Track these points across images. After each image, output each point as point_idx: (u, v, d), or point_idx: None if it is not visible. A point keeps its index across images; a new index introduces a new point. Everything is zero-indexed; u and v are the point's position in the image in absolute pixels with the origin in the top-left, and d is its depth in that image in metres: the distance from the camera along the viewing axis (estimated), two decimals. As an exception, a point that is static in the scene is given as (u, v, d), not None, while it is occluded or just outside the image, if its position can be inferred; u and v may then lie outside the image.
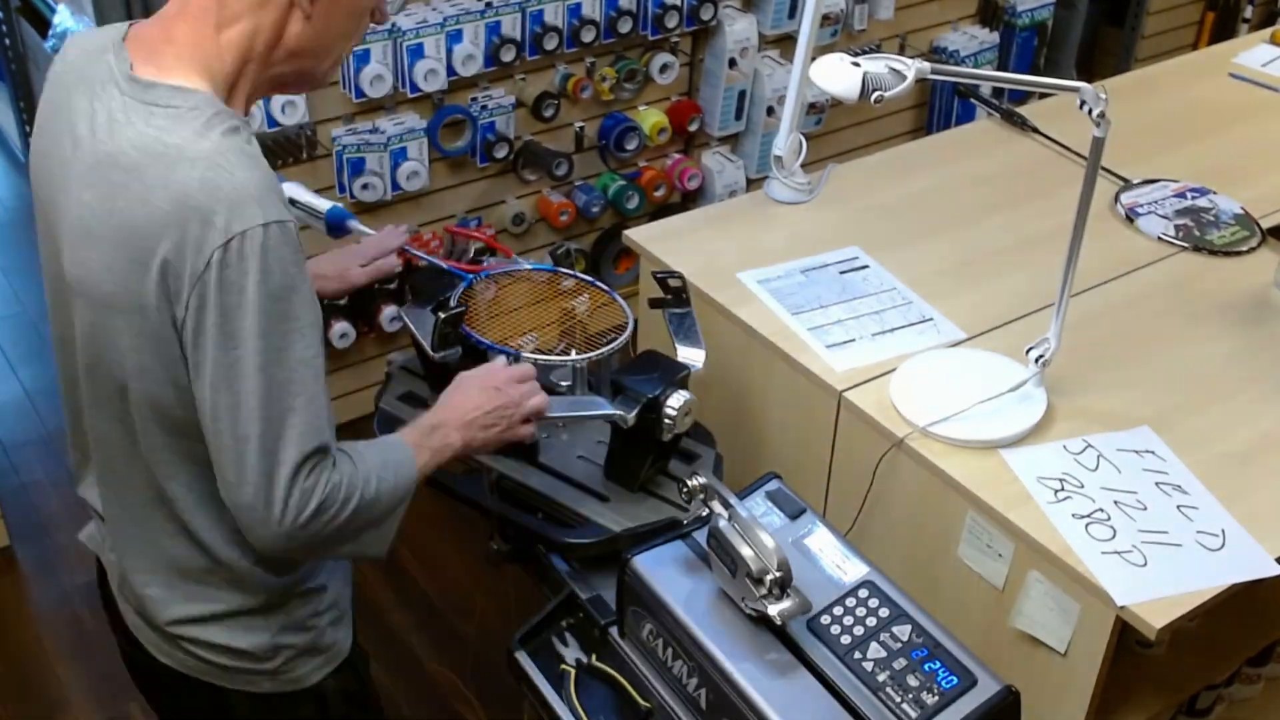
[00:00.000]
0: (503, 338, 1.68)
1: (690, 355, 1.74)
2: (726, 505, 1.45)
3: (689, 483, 1.49)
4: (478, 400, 1.49)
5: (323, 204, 1.81)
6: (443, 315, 1.64)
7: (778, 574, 1.38)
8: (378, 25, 1.42)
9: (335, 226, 1.80)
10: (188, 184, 1.18)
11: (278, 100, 2.62)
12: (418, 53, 2.71)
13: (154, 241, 1.19)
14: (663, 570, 1.52)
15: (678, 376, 1.63)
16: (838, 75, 1.64)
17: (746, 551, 1.40)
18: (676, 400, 1.61)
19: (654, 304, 1.79)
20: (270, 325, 1.21)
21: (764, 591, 1.39)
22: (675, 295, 1.77)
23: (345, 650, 1.52)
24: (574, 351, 1.70)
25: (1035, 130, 2.46)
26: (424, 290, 1.76)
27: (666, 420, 1.61)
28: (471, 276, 1.76)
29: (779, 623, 1.40)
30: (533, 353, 1.65)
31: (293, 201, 1.80)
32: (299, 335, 1.23)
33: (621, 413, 1.60)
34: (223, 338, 1.20)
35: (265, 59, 1.29)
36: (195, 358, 1.22)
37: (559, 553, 1.68)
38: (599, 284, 1.79)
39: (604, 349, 1.68)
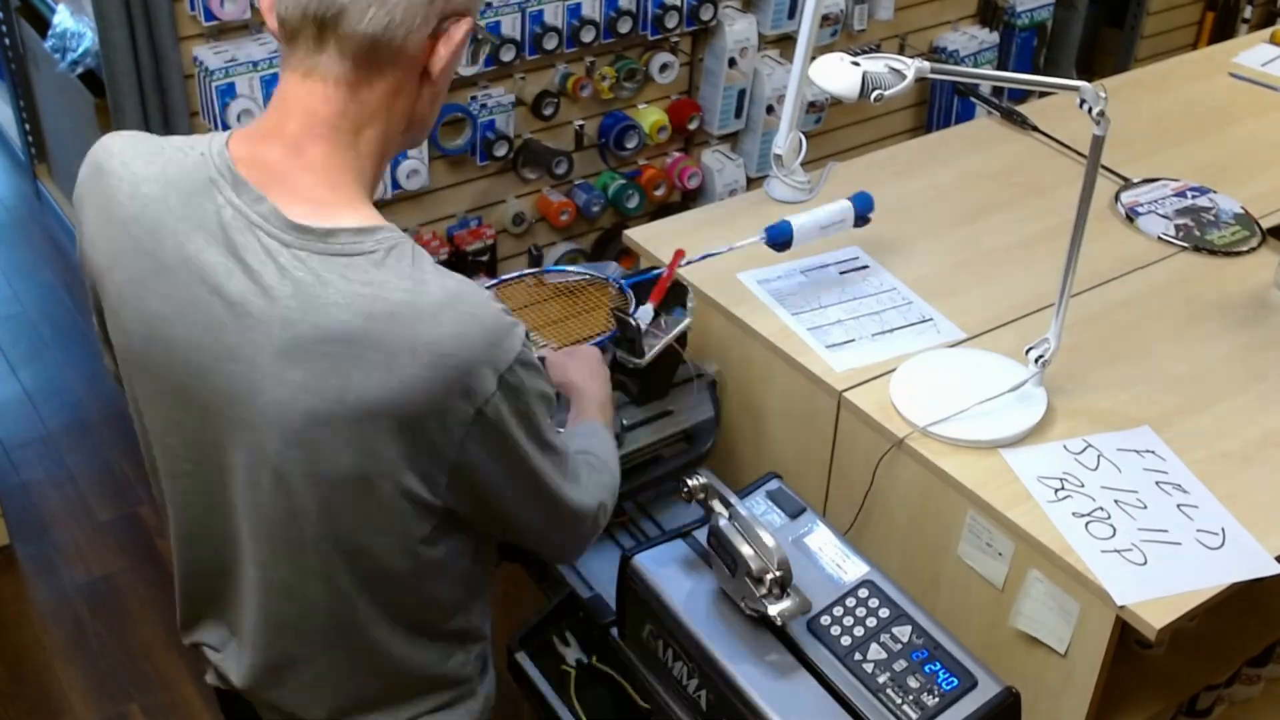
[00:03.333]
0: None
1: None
2: (727, 504, 1.46)
3: (689, 482, 1.49)
4: (604, 376, 1.62)
5: None
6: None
7: (778, 573, 1.38)
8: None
9: None
10: (439, 344, 1.09)
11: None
12: (417, 52, 2.71)
13: (410, 408, 1.10)
14: (663, 570, 1.52)
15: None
16: (837, 74, 1.64)
17: (747, 551, 1.40)
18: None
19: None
20: (543, 424, 1.23)
21: (764, 591, 1.39)
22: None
23: (493, 694, 1.47)
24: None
25: (1035, 129, 2.46)
26: None
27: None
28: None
29: (779, 623, 1.40)
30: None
31: None
32: (552, 406, 1.25)
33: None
34: (517, 469, 1.21)
35: (396, 142, 1.21)
36: (486, 495, 1.22)
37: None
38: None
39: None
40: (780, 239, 1.92)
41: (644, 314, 1.73)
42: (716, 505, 1.46)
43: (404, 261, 1.11)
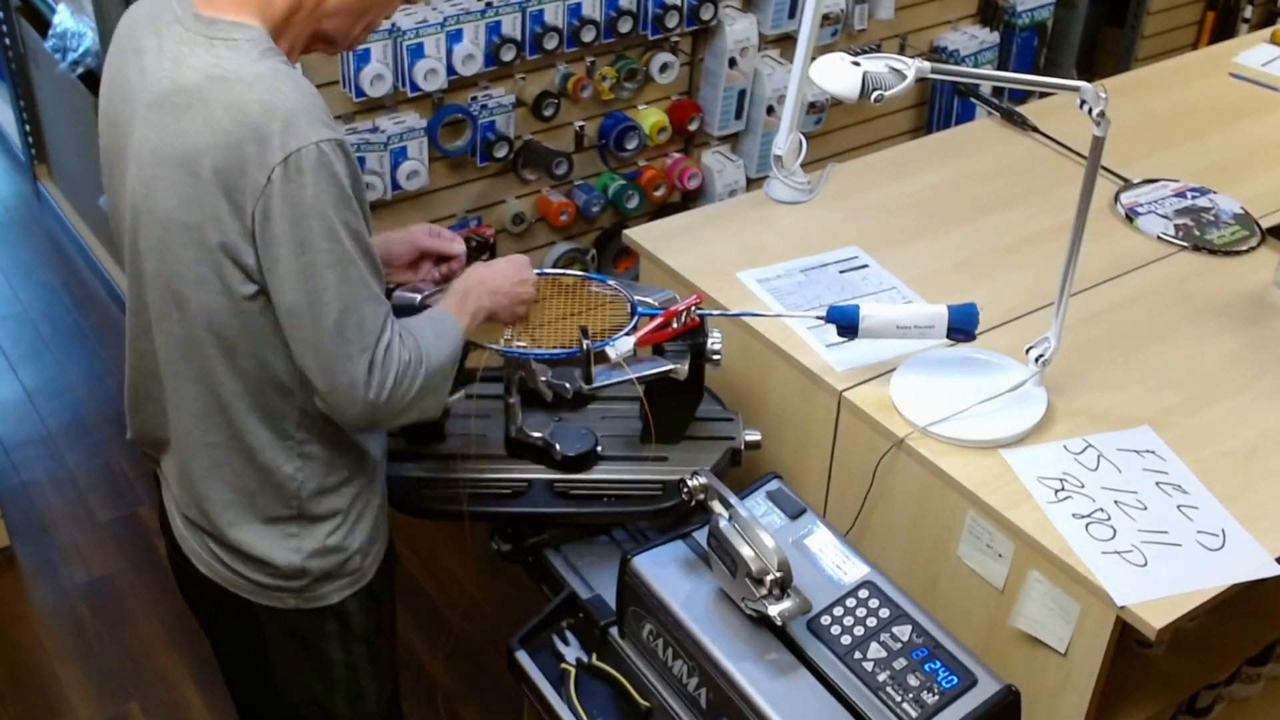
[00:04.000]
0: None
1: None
2: (727, 505, 1.46)
3: (689, 482, 1.49)
4: (505, 272, 1.66)
5: None
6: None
7: (778, 574, 1.38)
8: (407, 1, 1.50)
9: None
10: (246, 104, 1.31)
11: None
12: (418, 52, 2.71)
13: (217, 158, 1.32)
14: (663, 570, 1.52)
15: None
16: (838, 74, 1.64)
17: (747, 551, 1.40)
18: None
19: None
20: (334, 230, 1.34)
21: (764, 592, 1.39)
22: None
23: (369, 576, 1.62)
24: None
25: (1035, 129, 2.46)
26: None
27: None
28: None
29: (779, 623, 1.40)
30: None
31: None
32: (359, 239, 1.37)
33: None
34: (292, 245, 1.33)
35: (312, 11, 1.41)
36: (269, 263, 1.35)
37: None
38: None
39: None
40: (843, 322, 1.73)
41: (622, 345, 1.65)
42: (716, 506, 1.47)
43: (255, 52, 1.35)
